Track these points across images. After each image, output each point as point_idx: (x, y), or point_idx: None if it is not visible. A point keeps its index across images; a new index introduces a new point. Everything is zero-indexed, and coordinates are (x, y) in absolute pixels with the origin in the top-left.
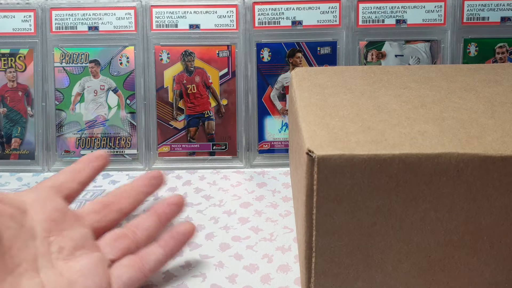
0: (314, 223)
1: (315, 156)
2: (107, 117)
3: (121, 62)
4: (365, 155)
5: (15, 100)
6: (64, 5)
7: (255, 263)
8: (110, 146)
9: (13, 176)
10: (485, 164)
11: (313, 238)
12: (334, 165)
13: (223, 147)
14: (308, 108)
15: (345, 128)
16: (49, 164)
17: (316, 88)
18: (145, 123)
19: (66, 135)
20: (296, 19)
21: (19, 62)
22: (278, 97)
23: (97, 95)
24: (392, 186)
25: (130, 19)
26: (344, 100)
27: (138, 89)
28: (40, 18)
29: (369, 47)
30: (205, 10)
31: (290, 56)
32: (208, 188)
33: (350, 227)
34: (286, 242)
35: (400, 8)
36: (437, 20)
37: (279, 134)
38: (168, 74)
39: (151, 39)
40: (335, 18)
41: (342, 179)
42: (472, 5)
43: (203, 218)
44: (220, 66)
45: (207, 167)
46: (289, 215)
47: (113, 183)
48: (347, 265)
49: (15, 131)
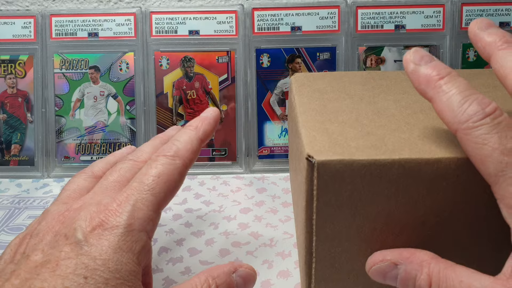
0: (314, 228)
1: (315, 161)
2: (106, 123)
3: (121, 68)
4: (365, 160)
5: (15, 106)
6: (64, 11)
7: (255, 269)
8: (110, 152)
9: (12, 182)
10: None
11: (313, 243)
12: (334, 170)
13: (222, 152)
14: (307, 113)
15: (344, 133)
16: (49, 170)
17: (315, 94)
18: (144, 129)
19: (66, 141)
20: (296, 24)
21: (19, 68)
22: (278, 103)
23: (97, 101)
24: (392, 191)
25: (130, 25)
26: (343, 105)
27: (138, 95)
28: (40, 24)
29: (368, 53)
30: (205, 16)
31: (290, 62)
32: (208, 193)
33: (350, 233)
34: (286, 248)
35: (399, 13)
36: (436, 26)
37: (278, 140)
38: (168, 80)
39: (150, 45)
40: (334, 23)
41: (342, 184)
42: (470, 10)
43: (203, 224)
44: (220, 71)
45: (207, 173)
46: (289, 220)
47: None
48: (347, 270)
49: (15, 137)
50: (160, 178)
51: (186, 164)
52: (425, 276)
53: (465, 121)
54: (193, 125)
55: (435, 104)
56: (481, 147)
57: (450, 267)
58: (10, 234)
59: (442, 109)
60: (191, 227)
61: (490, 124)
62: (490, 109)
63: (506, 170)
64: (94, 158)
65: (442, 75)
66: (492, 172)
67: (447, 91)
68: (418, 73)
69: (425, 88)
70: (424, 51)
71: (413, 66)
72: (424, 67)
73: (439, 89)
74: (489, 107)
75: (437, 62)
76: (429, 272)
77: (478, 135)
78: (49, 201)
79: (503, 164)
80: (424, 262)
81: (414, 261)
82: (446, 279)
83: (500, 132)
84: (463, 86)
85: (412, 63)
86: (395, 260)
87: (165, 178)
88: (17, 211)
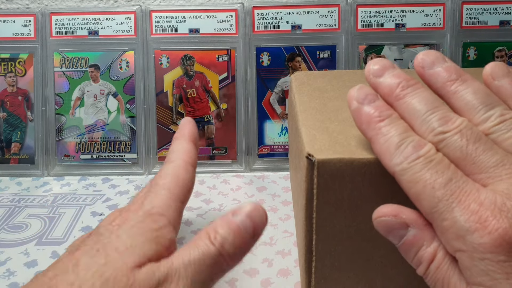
0: (314, 227)
1: (315, 160)
2: (107, 121)
3: (121, 66)
4: (365, 159)
5: (15, 105)
6: (64, 9)
7: (255, 267)
8: (110, 150)
9: (12, 181)
10: None
11: (313, 242)
12: (334, 169)
13: (222, 151)
14: (307, 112)
15: (344, 132)
16: (49, 168)
17: (315, 92)
18: (144, 128)
19: (66, 140)
20: (296, 23)
21: (19, 66)
22: (278, 101)
23: (97, 99)
24: (392, 190)
25: (130, 23)
26: (343, 104)
27: (138, 94)
28: (40, 22)
29: (368, 51)
30: (205, 15)
31: (290, 60)
32: (208, 192)
33: (350, 231)
34: (286, 246)
35: (399, 12)
36: (436, 24)
37: (278, 138)
38: (168, 79)
39: (151, 44)
40: (334, 22)
41: (342, 183)
42: (471, 9)
43: (203, 223)
44: (220, 70)
45: (207, 171)
46: (289, 219)
47: (113, 187)
48: (347, 269)
49: (15, 135)
50: (167, 176)
51: (187, 162)
52: (432, 250)
53: (400, 162)
54: (176, 136)
55: (374, 146)
56: (415, 186)
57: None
58: (10, 232)
59: (381, 151)
60: (191, 225)
61: (422, 162)
62: (423, 150)
63: (439, 205)
64: (94, 157)
65: (382, 117)
66: (428, 210)
67: (385, 133)
68: (360, 112)
69: (366, 128)
70: (369, 89)
71: (356, 105)
72: (367, 106)
73: (378, 130)
74: (423, 149)
75: (380, 102)
76: (437, 248)
77: (412, 174)
78: (49, 199)
79: (435, 199)
80: (437, 237)
81: (428, 231)
82: (450, 263)
83: (432, 169)
84: (401, 128)
85: (355, 101)
86: (409, 221)
87: (172, 174)
88: (17, 209)
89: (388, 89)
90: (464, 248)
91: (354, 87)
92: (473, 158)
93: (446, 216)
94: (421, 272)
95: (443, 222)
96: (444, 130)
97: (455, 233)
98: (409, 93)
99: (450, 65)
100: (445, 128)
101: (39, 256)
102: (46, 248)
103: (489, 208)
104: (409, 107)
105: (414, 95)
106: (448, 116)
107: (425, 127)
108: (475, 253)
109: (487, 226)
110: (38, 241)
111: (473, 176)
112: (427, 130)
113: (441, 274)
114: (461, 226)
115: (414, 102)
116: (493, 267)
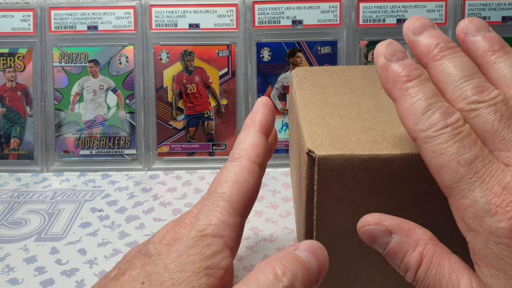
0: (314, 223)
1: (316, 156)
2: (106, 117)
3: (121, 61)
4: (366, 155)
5: (14, 100)
6: (63, 4)
7: (255, 264)
8: (109, 146)
9: (12, 176)
10: None
11: (313, 238)
12: (335, 165)
13: (223, 147)
14: (308, 107)
15: (345, 128)
16: (48, 164)
17: (316, 88)
18: (144, 123)
19: (65, 135)
20: (297, 18)
21: (18, 61)
22: (278, 97)
23: (96, 95)
24: (393, 186)
25: (129, 18)
26: (344, 99)
27: (138, 89)
28: (39, 17)
29: (369, 47)
30: (205, 10)
31: (291, 56)
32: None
33: (350, 228)
34: (287, 243)
35: (401, 7)
36: (438, 20)
37: (279, 134)
38: (168, 74)
39: (150, 39)
40: (335, 17)
41: (343, 179)
42: (473, 4)
43: None
44: (220, 65)
45: (207, 167)
46: (289, 215)
47: (112, 183)
48: (347, 266)
49: (14, 131)
50: (228, 181)
51: (253, 161)
52: (417, 255)
53: (425, 129)
54: (247, 123)
55: (398, 107)
56: (438, 157)
57: (446, 254)
58: (10, 228)
59: (405, 113)
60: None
61: (449, 133)
62: (452, 119)
63: (461, 182)
64: (94, 152)
65: (411, 77)
66: (447, 184)
67: (413, 95)
68: (387, 70)
69: (391, 87)
70: (398, 46)
71: (383, 61)
72: (395, 64)
73: (405, 91)
74: (452, 118)
75: (409, 60)
76: (422, 252)
77: (436, 144)
78: (48, 195)
79: (458, 175)
80: (421, 241)
81: (411, 236)
82: (438, 265)
83: (459, 142)
84: (430, 92)
85: (383, 57)
86: (392, 228)
87: (233, 180)
88: (17, 205)
89: (425, 48)
90: (480, 230)
91: (382, 42)
92: (503, 135)
93: (466, 194)
94: (410, 278)
95: (462, 199)
96: (478, 99)
97: (474, 213)
98: (446, 55)
99: (493, 35)
100: (480, 98)
101: (38, 252)
102: (46, 244)
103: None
104: (444, 70)
105: (452, 59)
106: (484, 86)
107: (458, 94)
108: (491, 236)
109: (509, 211)
110: (37, 237)
111: (498, 153)
112: (460, 97)
113: (430, 278)
114: (481, 208)
115: (451, 66)
116: (508, 252)
